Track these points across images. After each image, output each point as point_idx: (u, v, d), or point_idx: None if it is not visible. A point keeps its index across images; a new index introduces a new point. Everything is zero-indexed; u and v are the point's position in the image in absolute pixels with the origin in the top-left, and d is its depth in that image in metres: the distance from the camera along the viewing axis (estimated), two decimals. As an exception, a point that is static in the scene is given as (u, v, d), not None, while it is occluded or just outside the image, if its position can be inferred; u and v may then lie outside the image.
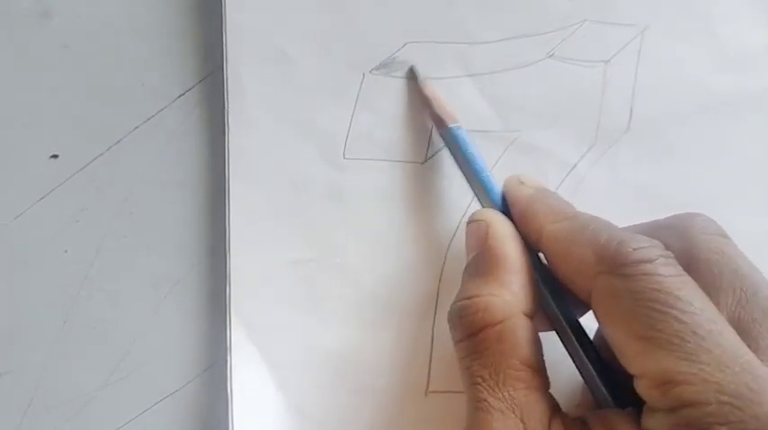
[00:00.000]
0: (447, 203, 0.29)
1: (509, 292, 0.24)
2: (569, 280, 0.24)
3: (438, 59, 0.29)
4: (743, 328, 0.22)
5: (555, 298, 0.25)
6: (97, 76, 0.29)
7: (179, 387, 0.28)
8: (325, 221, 0.29)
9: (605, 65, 0.30)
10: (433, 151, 0.29)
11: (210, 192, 0.29)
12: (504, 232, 0.25)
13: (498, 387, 0.22)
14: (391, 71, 0.29)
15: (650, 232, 0.23)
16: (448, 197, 0.29)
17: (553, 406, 0.23)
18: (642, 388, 0.21)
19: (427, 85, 0.29)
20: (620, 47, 0.30)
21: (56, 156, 0.28)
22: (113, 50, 0.29)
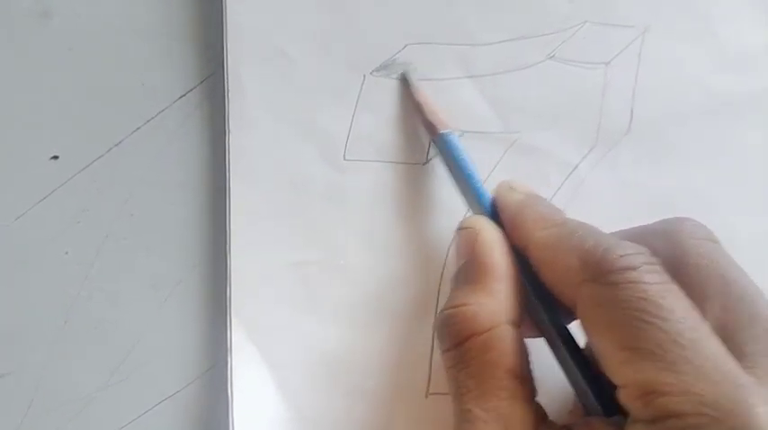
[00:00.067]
0: (448, 205, 0.29)
1: (495, 301, 0.24)
2: (556, 288, 0.23)
3: (438, 61, 0.29)
4: (728, 335, 0.21)
5: (544, 306, 0.24)
6: (98, 76, 0.29)
7: (180, 388, 0.28)
8: (326, 222, 0.29)
9: (606, 66, 0.30)
10: (434, 153, 0.29)
11: (211, 193, 0.29)
12: (493, 240, 0.25)
13: (483, 397, 0.22)
14: (392, 73, 0.29)
15: (639, 237, 0.23)
16: (449, 199, 0.29)
17: (539, 415, 0.23)
18: (625, 398, 0.21)
19: (419, 90, 0.28)
20: (621, 48, 0.30)
21: (56, 157, 0.28)
22: (114, 51, 0.29)
